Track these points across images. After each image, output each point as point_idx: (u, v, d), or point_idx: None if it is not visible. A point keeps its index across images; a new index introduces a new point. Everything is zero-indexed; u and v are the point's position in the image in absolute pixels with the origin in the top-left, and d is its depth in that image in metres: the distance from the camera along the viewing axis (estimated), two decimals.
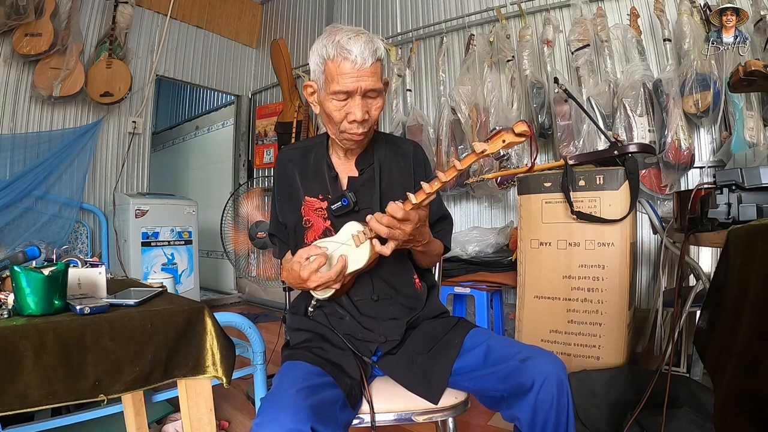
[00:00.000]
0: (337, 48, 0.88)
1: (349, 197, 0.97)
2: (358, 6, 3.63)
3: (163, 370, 0.93)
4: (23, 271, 0.84)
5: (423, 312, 1.02)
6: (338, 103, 0.91)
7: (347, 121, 0.93)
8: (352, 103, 0.91)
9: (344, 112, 0.92)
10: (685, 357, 1.84)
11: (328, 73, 0.90)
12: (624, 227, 1.62)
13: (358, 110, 0.90)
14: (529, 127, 0.75)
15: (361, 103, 0.91)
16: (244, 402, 1.84)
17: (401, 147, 1.11)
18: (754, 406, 0.65)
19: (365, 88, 0.90)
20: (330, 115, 0.94)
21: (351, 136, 0.95)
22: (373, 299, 0.99)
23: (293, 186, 1.06)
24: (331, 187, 1.03)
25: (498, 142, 0.76)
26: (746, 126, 1.93)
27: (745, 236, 0.75)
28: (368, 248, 0.89)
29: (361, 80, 0.89)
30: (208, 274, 4.39)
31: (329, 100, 0.92)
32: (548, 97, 2.43)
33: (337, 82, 0.89)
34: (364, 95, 0.91)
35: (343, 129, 0.94)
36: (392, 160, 1.07)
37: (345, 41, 0.88)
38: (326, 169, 1.04)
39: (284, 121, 3.71)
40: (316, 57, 0.93)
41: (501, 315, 2.44)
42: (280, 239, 1.11)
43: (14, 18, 2.64)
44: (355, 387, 0.86)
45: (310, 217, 1.03)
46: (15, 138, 2.85)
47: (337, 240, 0.93)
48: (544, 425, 0.77)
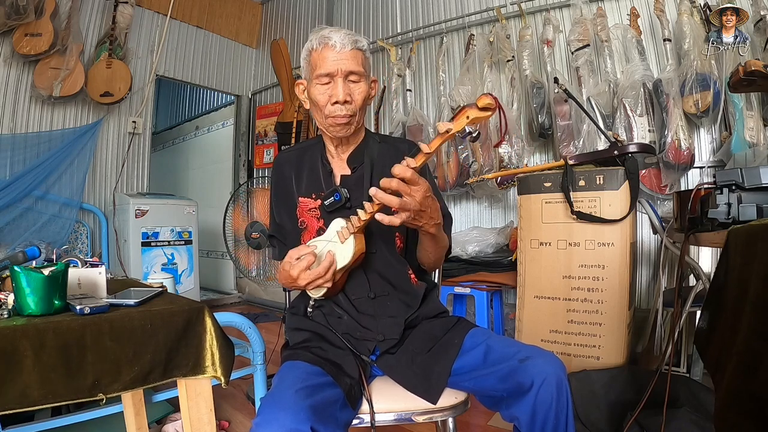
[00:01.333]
0: (320, 39, 0.96)
1: (342, 192, 0.99)
2: (358, 6, 3.63)
3: (163, 369, 0.93)
4: (23, 271, 0.84)
5: (422, 311, 1.01)
6: (321, 87, 0.96)
7: (330, 103, 0.96)
8: (334, 85, 0.95)
9: (327, 95, 0.96)
10: (685, 357, 1.84)
11: (312, 62, 0.97)
12: (624, 227, 1.62)
13: (340, 90, 0.95)
14: (494, 99, 0.74)
15: (343, 85, 0.95)
16: (244, 402, 1.84)
17: (397, 146, 1.11)
18: (754, 406, 0.65)
19: (345, 69, 0.94)
20: (315, 100, 0.98)
21: (336, 119, 0.97)
22: (370, 297, 0.99)
23: (288, 188, 1.08)
24: (325, 182, 1.05)
25: (462, 119, 0.74)
26: (746, 126, 1.93)
27: (745, 236, 0.75)
28: (352, 243, 0.90)
29: (341, 62, 0.94)
30: (208, 274, 4.39)
31: (314, 86, 0.97)
32: (548, 97, 2.43)
33: (319, 67, 0.95)
34: (345, 78, 0.96)
35: (327, 113, 0.97)
36: (386, 158, 1.06)
37: (327, 33, 0.96)
38: (321, 165, 1.07)
39: (284, 121, 3.71)
40: (304, 54, 1.00)
41: (501, 315, 2.44)
42: (279, 240, 1.12)
43: (14, 18, 2.64)
44: (354, 387, 0.86)
45: (304, 218, 1.05)
46: (15, 138, 2.85)
47: (325, 238, 0.95)
48: (543, 425, 0.76)
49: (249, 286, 4.23)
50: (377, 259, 1.00)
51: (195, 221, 3.50)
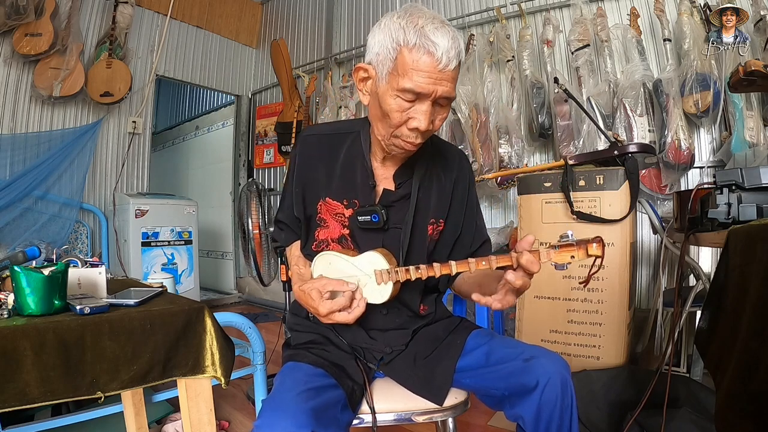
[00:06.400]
0: (420, 36, 0.73)
1: (381, 215, 0.87)
2: (358, 6, 3.63)
3: (162, 369, 0.93)
4: (23, 271, 0.84)
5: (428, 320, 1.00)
6: (403, 103, 0.77)
7: (407, 126, 0.79)
8: (419, 107, 0.77)
9: (406, 115, 0.78)
10: (685, 357, 1.84)
11: (401, 63, 0.75)
12: (624, 227, 1.62)
13: (424, 118, 0.77)
14: (602, 250, 0.67)
15: (430, 110, 0.77)
16: (244, 402, 1.84)
17: (446, 156, 0.99)
18: (754, 406, 0.65)
19: (441, 93, 0.76)
20: (388, 114, 0.79)
21: (405, 145, 0.82)
22: (382, 313, 0.95)
23: (314, 180, 0.94)
24: (362, 193, 0.91)
25: (566, 256, 0.69)
26: (746, 126, 1.93)
27: (744, 236, 0.75)
28: (390, 289, 0.82)
29: (440, 84, 0.75)
30: (208, 274, 4.39)
31: (392, 96, 0.77)
32: (548, 97, 2.43)
33: (410, 78, 0.74)
34: (435, 101, 0.77)
35: (398, 134, 0.81)
36: (433, 174, 0.95)
37: (431, 30, 0.73)
38: (362, 175, 0.92)
39: (284, 121, 3.71)
40: (386, 38, 0.76)
41: (501, 315, 2.44)
42: (289, 227, 1.00)
43: (14, 18, 2.64)
44: (357, 389, 0.85)
45: (326, 217, 0.94)
46: (15, 138, 2.85)
47: (357, 265, 0.84)
48: (548, 424, 0.76)
49: (249, 286, 4.23)
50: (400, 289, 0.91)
51: (195, 221, 3.50)
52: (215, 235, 4.56)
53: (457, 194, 0.98)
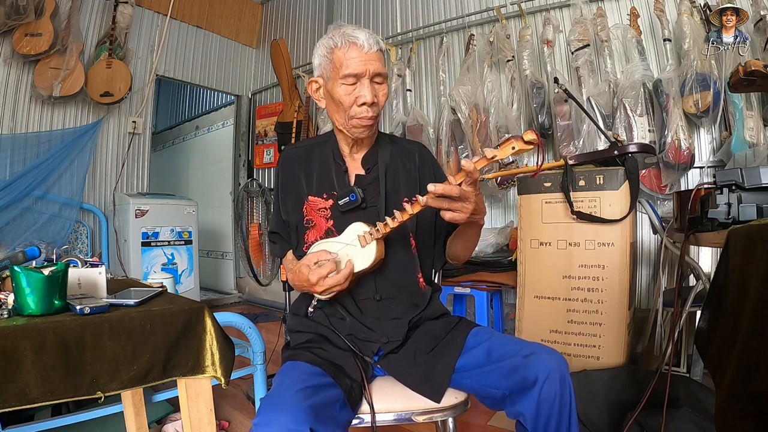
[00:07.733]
0: (344, 37, 0.94)
1: (358, 193, 0.98)
2: (358, 6, 3.63)
3: (162, 369, 0.93)
4: (23, 271, 0.84)
5: (425, 313, 1.01)
6: (348, 87, 0.94)
7: (357, 104, 0.95)
8: (360, 86, 0.94)
9: (354, 96, 0.95)
10: (685, 357, 1.84)
11: (336, 60, 0.95)
12: (624, 227, 1.62)
13: (368, 92, 0.94)
14: (538, 137, 0.78)
15: (370, 86, 0.94)
16: (244, 402, 1.84)
17: (406, 147, 1.12)
18: (754, 406, 0.65)
19: (373, 71, 0.94)
20: (340, 101, 0.96)
21: (361, 121, 0.97)
22: (375, 299, 0.99)
23: (297, 185, 1.07)
24: (338, 181, 1.04)
25: (507, 149, 0.78)
26: (746, 126, 1.93)
27: (744, 236, 0.75)
28: (374, 249, 0.90)
29: (369, 63, 0.93)
30: (208, 274, 4.39)
31: (338, 86, 0.95)
32: (548, 97, 2.43)
33: (346, 66, 0.93)
34: (371, 79, 0.95)
35: (353, 114, 0.96)
36: (397, 161, 1.08)
37: (351, 31, 0.95)
38: (334, 165, 1.06)
39: (284, 121, 3.71)
40: (321, 50, 0.98)
41: (501, 315, 2.44)
42: (282, 237, 1.12)
43: (14, 18, 2.64)
44: (355, 387, 0.86)
45: (312, 216, 1.04)
46: (15, 138, 2.85)
47: (341, 240, 0.94)
48: (547, 420, 0.77)
49: (249, 285, 4.23)
50: (388, 263, 0.99)
51: (195, 221, 3.50)
52: (215, 235, 4.56)
53: (425, 174, 1.09)
